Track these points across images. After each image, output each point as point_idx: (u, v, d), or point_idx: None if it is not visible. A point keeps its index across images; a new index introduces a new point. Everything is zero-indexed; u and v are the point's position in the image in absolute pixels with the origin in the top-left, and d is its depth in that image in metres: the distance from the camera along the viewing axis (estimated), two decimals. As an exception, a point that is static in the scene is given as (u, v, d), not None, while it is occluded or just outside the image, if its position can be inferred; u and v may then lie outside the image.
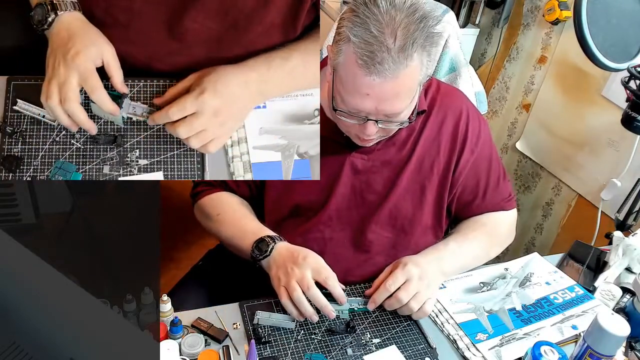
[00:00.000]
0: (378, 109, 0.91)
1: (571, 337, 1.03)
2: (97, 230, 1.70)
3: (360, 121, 0.95)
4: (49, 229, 1.75)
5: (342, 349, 0.96)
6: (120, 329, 0.55)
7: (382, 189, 1.11)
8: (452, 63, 1.47)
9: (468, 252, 1.14)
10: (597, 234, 1.68)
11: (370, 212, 1.12)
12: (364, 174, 1.10)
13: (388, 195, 1.11)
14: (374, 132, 0.96)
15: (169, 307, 0.97)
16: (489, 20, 2.25)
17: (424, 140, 1.11)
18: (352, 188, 1.11)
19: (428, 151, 1.11)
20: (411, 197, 1.12)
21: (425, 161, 1.11)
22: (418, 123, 1.10)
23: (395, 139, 1.09)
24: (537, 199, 2.13)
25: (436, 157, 1.12)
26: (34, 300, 0.54)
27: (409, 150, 1.10)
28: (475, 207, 1.20)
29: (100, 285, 1.16)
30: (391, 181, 1.10)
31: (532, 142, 2.10)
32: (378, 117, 0.93)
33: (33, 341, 0.53)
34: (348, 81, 0.91)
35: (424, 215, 1.14)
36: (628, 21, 1.26)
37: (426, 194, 1.13)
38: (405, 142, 1.10)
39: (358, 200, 1.11)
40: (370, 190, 1.11)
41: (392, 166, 1.10)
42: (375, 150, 1.09)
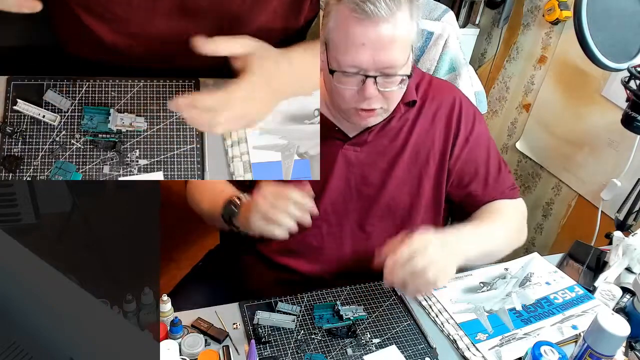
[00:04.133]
0: (375, 60, 0.91)
1: (571, 337, 1.03)
2: (97, 230, 1.70)
3: (359, 84, 0.94)
4: (49, 229, 1.75)
5: (342, 349, 0.96)
6: (120, 329, 0.55)
7: (377, 181, 1.10)
8: (452, 63, 1.47)
9: (486, 234, 1.07)
10: (597, 234, 1.68)
11: (367, 205, 1.11)
12: (358, 166, 1.10)
13: (384, 187, 1.10)
14: (374, 93, 0.94)
15: (169, 307, 0.97)
16: (489, 20, 2.25)
17: (418, 131, 1.10)
18: (346, 181, 1.10)
19: (423, 142, 1.10)
20: (408, 189, 1.11)
21: (421, 152, 1.10)
22: (411, 114, 1.10)
23: (388, 130, 1.09)
24: (537, 199, 2.13)
25: (431, 148, 1.11)
26: (34, 300, 0.54)
27: (403, 141, 1.10)
28: (480, 196, 1.16)
29: (100, 285, 1.15)
30: (386, 172, 1.10)
31: (532, 142, 2.10)
32: (376, 73, 0.92)
33: (33, 341, 0.53)
34: (342, 38, 0.91)
35: (422, 206, 1.13)
36: (628, 21, 1.25)
37: (424, 185, 1.12)
38: (398, 133, 1.10)
39: (354, 193, 1.11)
40: (365, 182, 1.10)
41: (386, 157, 1.10)
42: (368, 142, 1.09)
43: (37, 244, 0.61)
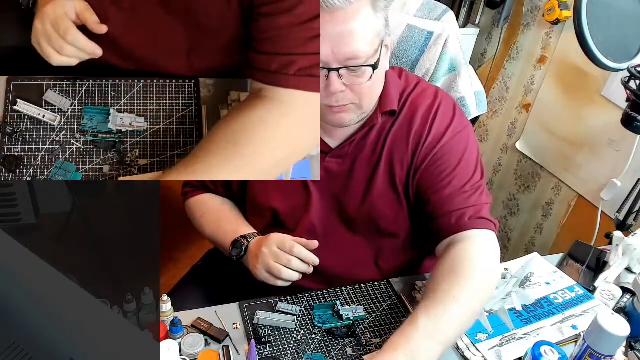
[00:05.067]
0: (334, 52, 0.88)
1: (571, 337, 1.03)
2: (97, 230, 1.71)
3: (323, 79, 0.90)
4: (49, 229, 1.75)
5: (342, 349, 0.96)
6: (120, 329, 0.55)
7: (359, 192, 1.07)
8: (452, 63, 1.47)
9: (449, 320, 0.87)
10: (597, 234, 1.68)
11: (352, 217, 1.09)
12: (340, 177, 1.07)
13: (366, 197, 1.07)
14: (339, 88, 0.91)
15: (169, 307, 0.97)
16: (489, 20, 2.25)
17: (392, 137, 1.05)
18: (329, 192, 1.08)
19: (397, 148, 1.05)
20: (387, 199, 1.07)
21: (395, 159, 1.05)
22: (391, 123, 1.05)
23: (368, 140, 1.05)
24: (537, 199, 2.13)
25: (405, 154, 1.04)
26: (34, 300, 0.54)
27: (380, 151, 1.05)
28: (434, 207, 1.02)
29: (100, 285, 1.15)
30: (367, 183, 1.07)
31: (532, 142, 2.10)
32: (339, 65, 0.89)
33: (33, 341, 0.53)
34: None
35: (402, 218, 1.09)
36: (628, 21, 1.25)
37: (401, 195, 1.07)
38: (377, 142, 1.05)
39: (336, 205, 1.09)
40: (348, 193, 1.08)
41: (365, 168, 1.06)
42: (349, 154, 1.06)
43: (37, 244, 0.61)
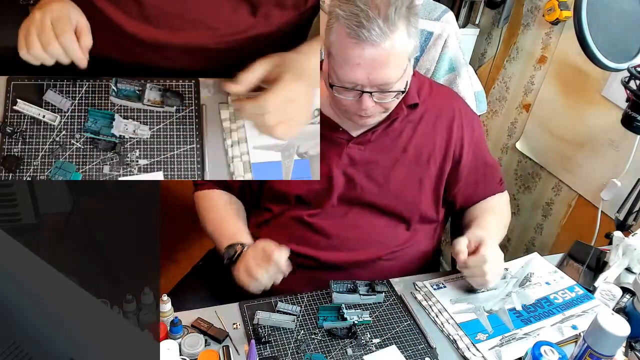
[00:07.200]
0: (370, 79, 0.95)
1: (571, 337, 1.03)
2: (97, 230, 1.70)
3: (355, 96, 0.99)
4: (49, 229, 1.75)
5: (342, 349, 0.96)
6: (120, 329, 0.55)
7: (381, 178, 1.14)
8: (452, 63, 1.47)
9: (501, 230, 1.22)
10: (597, 234, 1.68)
11: (371, 202, 1.15)
12: (362, 164, 1.13)
13: (387, 183, 1.14)
14: (370, 105, 1.00)
15: (169, 307, 0.97)
16: (489, 20, 2.24)
17: (420, 134, 1.15)
18: (351, 178, 1.14)
19: (425, 145, 1.16)
20: (410, 187, 1.16)
21: (423, 154, 1.16)
22: (413, 117, 1.15)
23: (391, 130, 1.13)
24: (537, 199, 2.12)
25: (432, 151, 1.16)
26: (34, 300, 0.54)
27: (406, 142, 1.14)
28: (477, 197, 1.26)
29: (100, 285, 1.16)
30: (389, 170, 1.14)
31: (532, 142, 2.10)
32: (372, 89, 0.97)
33: (33, 341, 0.53)
34: (339, 55, 0.95)
35: (423, 205, 1.18)
36: (628, 21, 1.25)
37: (424, 185, 1.17)
38: (400, 134, 1.14)
39: (358, 190, 1.14)
40: (369, 179, 1.14)
41: (388, 156, 1.14)
42: (372, 141, 1.13)
43: (37, 244, 0.61)
